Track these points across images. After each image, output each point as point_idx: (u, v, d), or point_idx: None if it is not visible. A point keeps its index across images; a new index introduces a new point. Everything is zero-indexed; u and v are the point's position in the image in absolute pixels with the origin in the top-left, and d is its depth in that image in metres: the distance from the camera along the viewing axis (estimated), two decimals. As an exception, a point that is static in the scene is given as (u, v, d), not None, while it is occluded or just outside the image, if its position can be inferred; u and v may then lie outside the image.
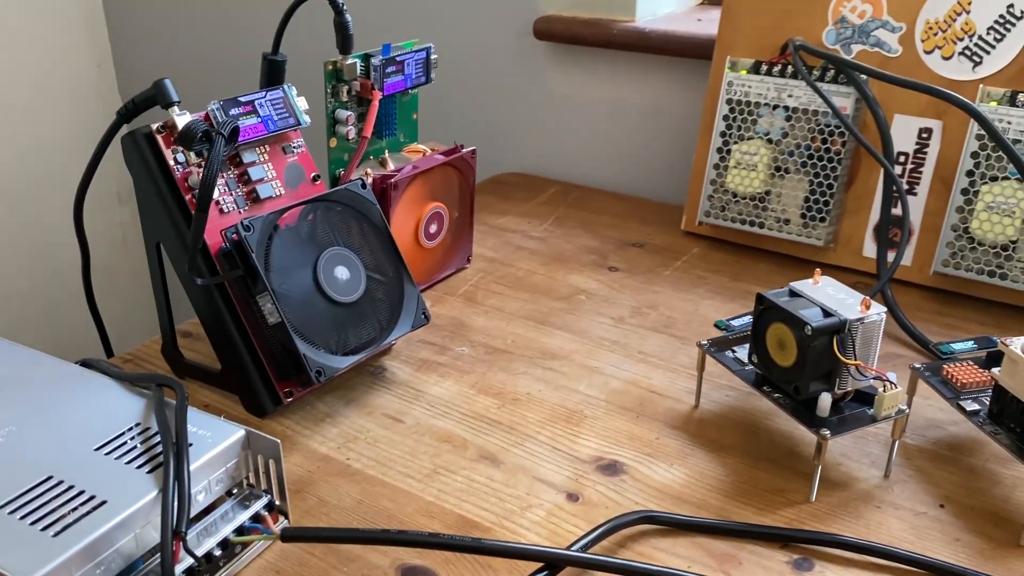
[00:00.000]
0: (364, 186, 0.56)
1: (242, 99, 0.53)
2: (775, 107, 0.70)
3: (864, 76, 0.66)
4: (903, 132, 0.67)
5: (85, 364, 0.49)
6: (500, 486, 0.48)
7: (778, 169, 0.71)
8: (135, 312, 1.40)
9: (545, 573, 0.39)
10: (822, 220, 0.70)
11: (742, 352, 0.52)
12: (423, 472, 0.49)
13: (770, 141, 0.71)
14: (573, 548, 0.41)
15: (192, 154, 0.52)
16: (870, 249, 0.70)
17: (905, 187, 0.67)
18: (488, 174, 0.98)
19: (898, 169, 0.67)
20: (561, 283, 0.71)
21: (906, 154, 0.67)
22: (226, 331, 0.52)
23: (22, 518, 0.38)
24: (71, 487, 0.39)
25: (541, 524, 0.45)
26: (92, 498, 0.39)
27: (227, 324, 0.51)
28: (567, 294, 0.69)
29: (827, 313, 0.45)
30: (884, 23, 0.66)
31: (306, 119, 0.56)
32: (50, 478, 0.40)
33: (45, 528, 0.37)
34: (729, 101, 0.72)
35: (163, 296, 0.56)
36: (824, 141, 0.68)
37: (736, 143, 0.72)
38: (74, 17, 1.24)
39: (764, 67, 0.70)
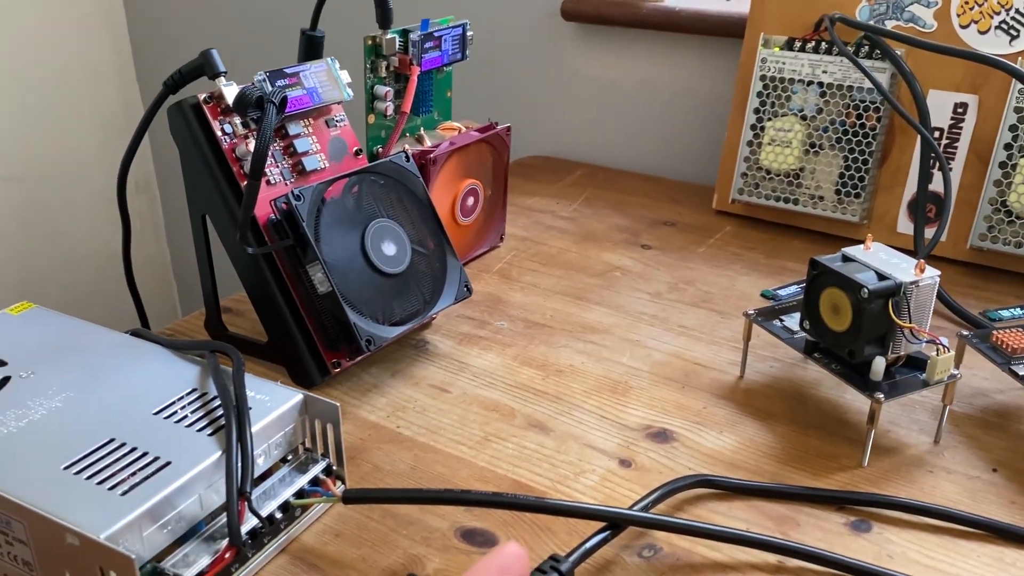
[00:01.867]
0: (408, 159, 0.56)
1: (288, 70, 0.53)
2: (809, 83, 0.70)
3: (900, 51, 0.66)
4: (938, 107, 0.67)
5: (135, 334, 0.50)
6: (551, 452, 0.48)
7: (812, 146, 0.71)
8: (153, 301, 1.41)
9: (606, 533, 0.40)
10: (856, 196, 0.70)
11: (790, 321, 0.52)
12: (474, 439, 0.49)
13: (804, 118, 0.71)
14: (633, 509, 0.41)
15: (239, 125, 0.52)
16: (904, 225, 0.70)
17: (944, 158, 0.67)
18: (515, 156, 0.98)
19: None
20: (595, 260, 0.71)
21: (941, 129, 0.67)
22: (274, 302, 0.52)
23: (88, 478, 0.38)
24: (134, 449, 0.39)
25: (596, 488, 0.45)
26: (156, 459, 0.39)
27: (275, 295, 0.51)
28: (601, 271, 0.69)
29: (882, 276, 0.45)
30: (919, -2, 0.66)
31: (349, 92, 0.56)
32: (112, 440, 0.40)
33: (112, 487, 0.37)
34: (763, 78, 0.72)
35: (208, 269, 0.56)
36: (859, 117, 0.68)
37: (770, 120, 0.72)
38: (92, 3, 1.24)
39: (798, 43, 0.70)
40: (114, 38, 1.28)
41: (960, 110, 0.66)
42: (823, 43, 0.69)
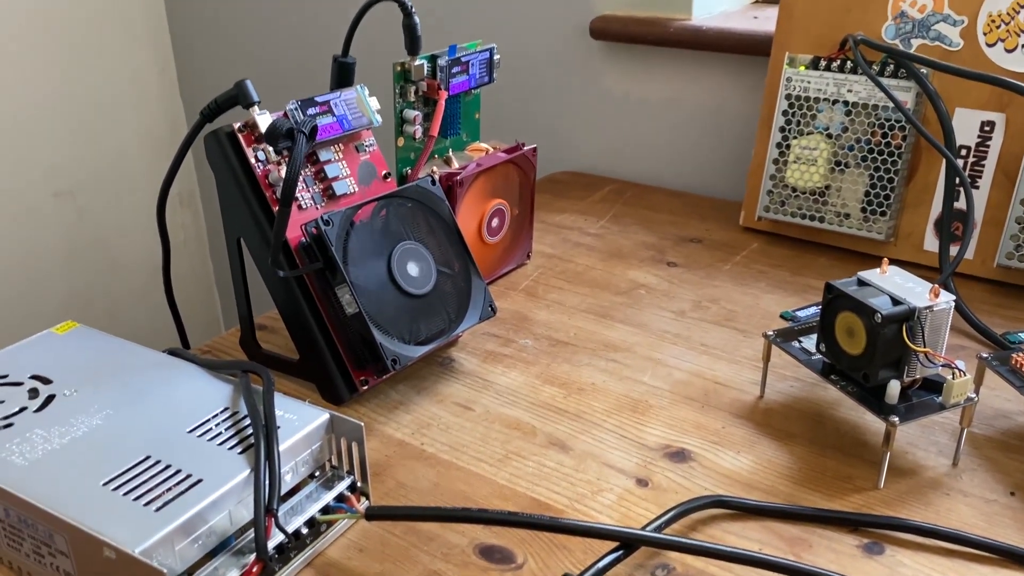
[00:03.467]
0: (434, 182, 0.58)
1: (318, 99, 0.55)
2: (834, 102, 0.70)
3: (925, 70, 0.66)
4: (965, 125, 0.67)
5: (172, 353, 0.52)
6: (570, 471, 0.49)
7: (838, 164, 0.71)
8: (195, 312, 1.45)
9: (619, 553, 0.41)
10: (882, 214, 0.70)
11: (808, 342, 0.52)
12: (495, 457, 0.50)
13: (830, 136, 0.71)
14: (646, 529, 0.42)
15: (272, 152, 0.54)
16: (931, 243, 0.70)
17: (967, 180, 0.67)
18: (544, 173, 1.00)
19: (959, 163, 0.67)
20: (620, 278, 0.72)
21: (968, 147, 0.67)
22: (305, 322, 0.54)
23: (125, 494, 0.40)
24: (168, 466, 0.42)
25: (612, 507, 0.46)
26: (189, 476, 0.41)
27: (306, 315, 0.53)
28: (626, 288, 0.70)
29: (896, 301, 0.45)
30: (945, 17, 0.66)
31: (378, 119, 0.58)
32: (148, 458, 0.42)
33: (148, 503, 0.39)
34: (788, 97, 0.72)
35: (243, 289, 0.58)
36: (884, 136, 0.68)
37: (796, 138, 0.72)
38: (138, 26, 1.29)
39: (823, 63, 0.71)
40: (159, 61, 1.32)
41: (987, 128, 0.66)
42: (848, 62, 0.69)
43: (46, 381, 0.49)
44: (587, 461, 0.50)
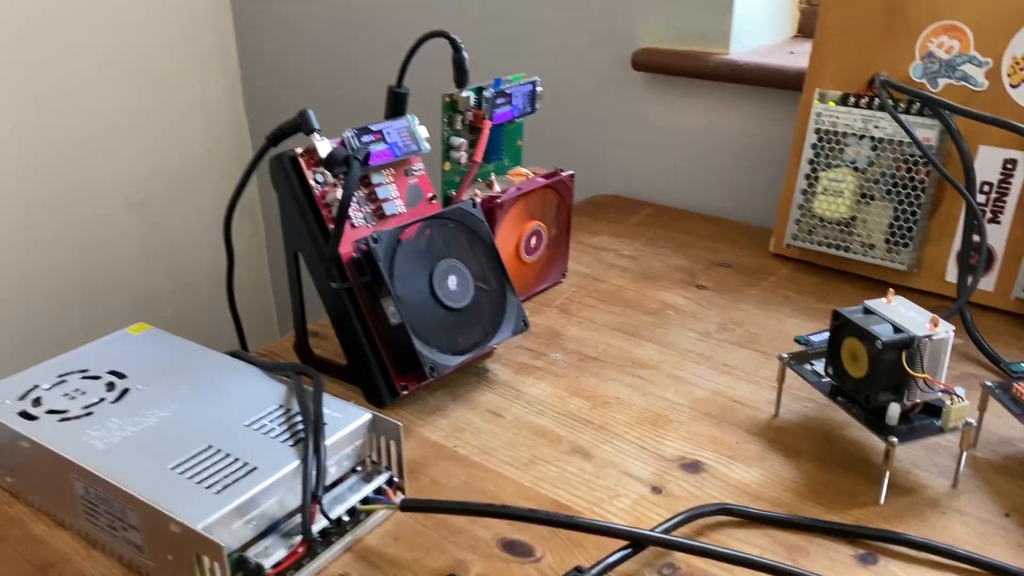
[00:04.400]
0: (475, 205, 0.63)
1: (373, 128, 0.60)
2: (861, 137, 0.73)
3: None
4: (988, 162, 0.69)
5: (233, 354, 0.57)
6: (591, 477, 0.53)
7: (864, 196, 0.74)
8: (253, 317, 1.52)
9: (629, 551, 0.44)
10: (905, 246, 0.73)
11: (820, 365, 0.55)
12: (521, 461, 0.54)
13: (856, 169, 0.74)
14: (656, 531, 0.46)
15: (329, 175, 0.59)
16: (953, 274, 0.72)
17: (989, 216, 0.69)
18: (585, 195, 1.04)
19: (982, 198, 0.69)
20: (651, 299, 0.76)
21: (991, 184, 0.69)
22: (353, 330, 0.59)
23: (190, 477, 0.45)
24: (228, 455, 0.47)
25: (627, 511, 0.50)
26: (245, 464, 0.46)
27: (354, 324, 0.58)
28: (656, 309, 0.74)
29: (897, 329, 0.48)
30: (971, 58, 0.69)
31: (427, 146, 0.63)
32: (210, 447, 0.47)
33: (209, 486, 0.44)
34: (818, 131, 0.75)
35: (298, 298, 0.63)
36: (908, 170, 0.71)
37: (824, 170, 0.76)
38: (210, 51, 1.37)
39: (852, 99, 0.74)
40: (228, 82, 1.40)
41: (1009, 166, 0.68)
42: (875, 99, 0.72)
43: (121, 376, 0.54)
44: (607, 468, 0.54)
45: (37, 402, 0.52)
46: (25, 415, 0.50)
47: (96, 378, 0.54)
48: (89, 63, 1.23)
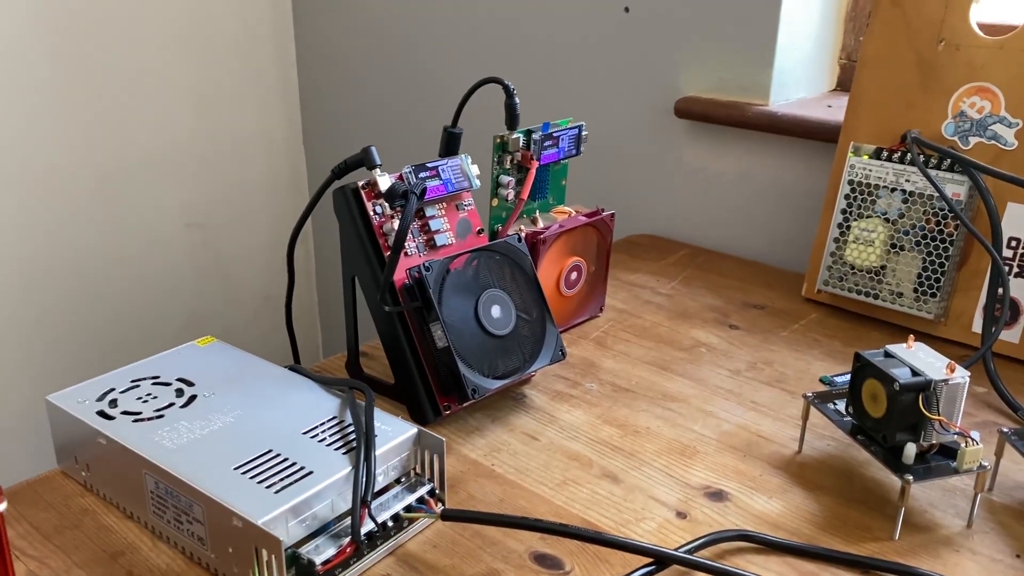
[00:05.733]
0: (520, 240, 0.67)
1: (429, 165, 0.65)
2: (893, 190, 0.76)
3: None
4: (1017, 218, 0.72)
5: (292, 368, 0.62)
6: (619, 500, 0.56)
7: (894, 246, 0.77)
8: (300, 336, 1.57)
9: (652, 567, 0.48)
10: (933, 296, 0.75)
11: (843, 405, 0.58)
12: (554, 482, 0.58)
13: (887, 220, 0.77)
14: (679, 551, 0.49)
15: (388, 207, 0.64)
16: (979, 325, 0.74)
17: (1015, 270, 0.72)
18: (625, 234, 1.08)
19: (1008, 253, 0.72)
20: (684, 336, 0.79)
21: (1017, 239, 0.72)
22: (402, 351, 0.63)
23: (251, 477, 0.49)
24: (286, 459, 0.51)
25: (652, 533, 0.53)
26: (301, 468, 0.50)
27: (403, 346, 0.63)
28: (689, 346, 0.77)
29: (915, 373, 0.51)
30: (1001, 119, 0.72)
31: (477, 183, 0.68)
32: (270, 451, 0.51)
33: (269, 487, 0.48)
34: (851, 182, 0.79)
35: (353, 320, 0.68)
36: (938, 223, 0.74)
37: (856, 220, 0.79)
38: (271, 81, 1.44)
39: (885, 153, 0.77)
40: (287, 111, 1.47)
41: (1036, 223, 0.71)
42: (908, 154, 0.76)
43: (189, 384, 0.59)
44: (635, 493, 0.57)
45: (113, 404, 0.57)
46: (103, 415, 0.55)
47: (167, 384, 0.59)
48: (155, 88, 1.31)
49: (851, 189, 0.79)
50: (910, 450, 0.51)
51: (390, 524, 0.51)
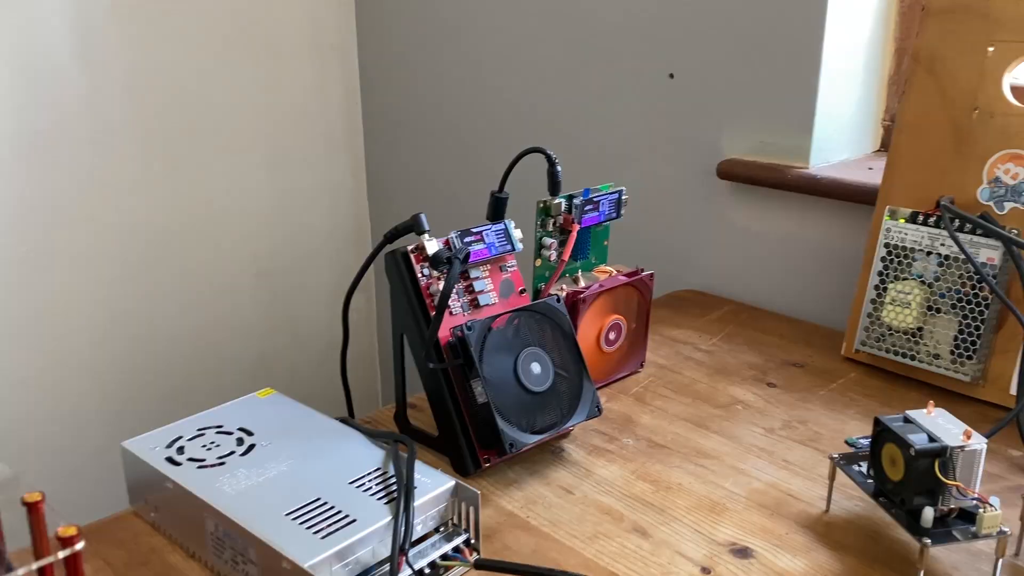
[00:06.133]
0: (559, 300, 0.70)
1: (474, 230, 0.70)
2: (929, 253, 0.78)
3: (1015, 230, 0.73)
4: (1052, 283, 0.73)
5: (342, 420, 0.66)
6: (647, 554, 0.58)
7: (931, 308, 0.78)
8: (361, 382, 1.63)
9: (672, 622, 0.50)
10: (970, 358, 0.76)
11: (867, 467, 0.60)
12: (586, 535, 0.60)
13: (923, 282, 0.78)
14: (698, 606, 0.51)
15: (434, 270, 0.68)
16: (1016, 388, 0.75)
17: (1049, 334, 0.72)
18: (668, 290, 1.11)
19: (1043, 317, 0.72)
20: (722, 393, 0.81)
21: (1054, 304, 0.72)
22: (445, 406, 0.67)
23: (301, 523, 0.53)
24: (332, 507, 0.55)
25: (676, 587, 0.55)
26: (346, 516, 0.54)
27: (446, 400, 0.67)
28: (726, 403, 0.79)
29: (932, 439, 0.53)
30: (1035, 184, 0.73)
31: (520, 246, 0.72)
32: (319, 499, 0.56)
33: (316, 532, 0.52)
34: (887, 245, 0.80)
35: (400, 374, 0.72)
36: (973, 287, 0.75)
37: (892, 282, 0.80)
38: (339, 138, 1.52)
39: (920, 217, 0.79)
40: (354, 167, 1.55)
41: (1072, 288, 0.71)
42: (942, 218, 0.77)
43: (249, 433, 0.64)
44: (662, 548, 0.59)
45: (180, 451, 0.62)
46: (171, 461, 0.61)
47: (229, 433, 0.64)
48: (230, 146, 1.40)
49: (887, 252, 0.80)
50: (927, 514, 0.52)
51: (427, 572, 0.55)
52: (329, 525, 0.53)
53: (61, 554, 0.41)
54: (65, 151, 1.23)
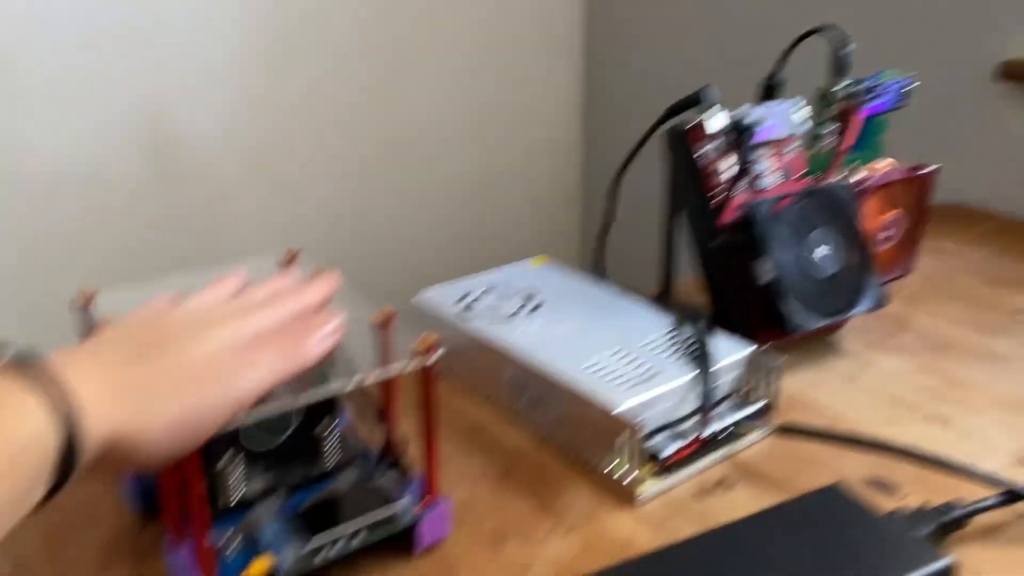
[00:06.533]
0: (847, 185, 0.67)
1: (759, 107, 0.67)
2: None
3: None
4: None
5: (626, 290, 0.66)
6: (952, 442, 0.55)
7: None
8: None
9: (1002, 500, 0.47)
10: None
11: None
12: (878, 421, 0.58)
13: None
14: (1030, 489, 0.48)
15: (714, 149, 0.67)
16: None
17: None
18: (938, 199, 1.04)
19: None
20: (1002, 302, 0.76)
21: None
22: (723, 286, 0.66)
23: (603, 374, 0.54)
24: (634, 359, 0.55)
25: (998, 472, 0.52)
26: (649, 369, 0.54)
27: (724, 280, 0.65)
28: (1008, 311, 0.74)
29: None
30: None
31: (802, 129, 0.69)
32: (620, 350, 0.56)
33: (621, 383, 0.53)
34: None
35: (668, 256, 0.71)
36: None
37: None
38: (560, 46, 1.52)
39: None
40: (569, 70, 1.54)
41: None
42: None
43: (533, 294, 0.65)
44: (969, 437, 0.56)
45: (470, 306, 0.64)
46: (463, 313, 0.63)
47: (513, 294, 0.65)
48: (448, 57, 1.42)
49: None
50: None
51: (726, 433, 0.54)
52: (632, 377, 0.53)
53: (419, 363, 0.43)
54: (302, 62, 1.29)
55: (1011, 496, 0.47)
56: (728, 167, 0.66)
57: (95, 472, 0.34)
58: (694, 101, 0.67)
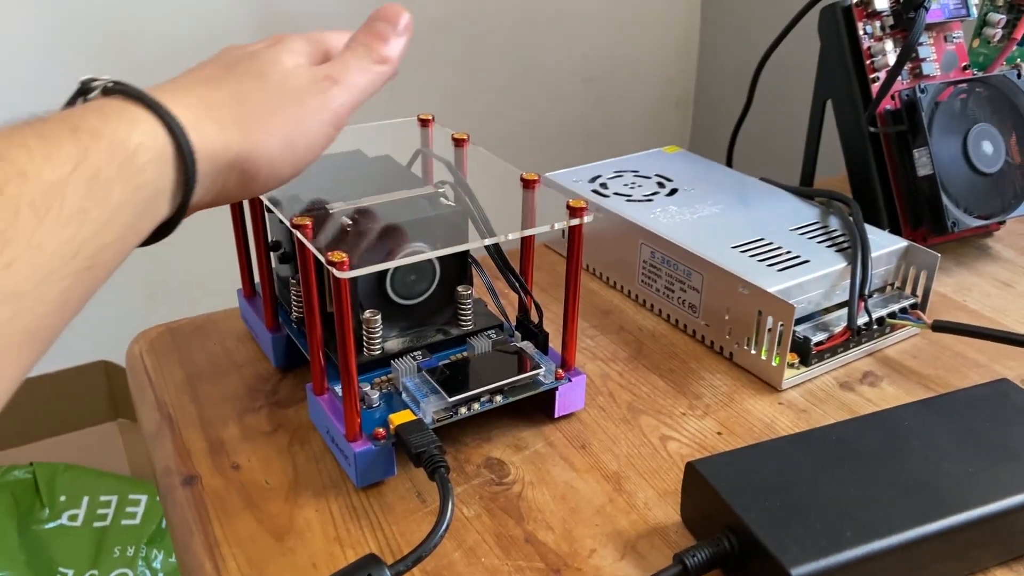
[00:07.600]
0: (1019, 76, 0.62)
1: (931, -14, 0.62)
2: None
3: None
4: None
5: (764, 180, 0.63)
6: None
7: None
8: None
9: None
10: None
11: None
12: (1040, 324, 0.55)
13: None
14: None
15: (878, 28, 0.62)
16: None
17: None
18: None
19: None
20: None
21: None
22: (871, 177, 0.62)
23: (751, 256, 0.51)
24: (780, 247, 0.53)
25: None
26: (797, 256, 0.52)
27: (875, 171, 0.62)
28: None
29: None
30: None
31: (974, 12, 0.63)
32: (763, 239, 0.54)
33: (770, 265, 0.51)
34: None
35: (814, 145, 0.67)
36: None
37: None
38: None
39: None
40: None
41: None
42: None
43: (667, 179, 0.63)
44: None
45: (604, 186, 0.62)
46: (598, 193, 0.61)
47: (647, 177, 0.63)
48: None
49: None
50: None
51: (875, 327, 0.52)
52: (781, 261, 0.51)
53: (573, 221, 0.41)
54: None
55: None
56: (891, 49, 0.61)
57: (222, 196, 0.34)
58: (855, -23, 0.62)
